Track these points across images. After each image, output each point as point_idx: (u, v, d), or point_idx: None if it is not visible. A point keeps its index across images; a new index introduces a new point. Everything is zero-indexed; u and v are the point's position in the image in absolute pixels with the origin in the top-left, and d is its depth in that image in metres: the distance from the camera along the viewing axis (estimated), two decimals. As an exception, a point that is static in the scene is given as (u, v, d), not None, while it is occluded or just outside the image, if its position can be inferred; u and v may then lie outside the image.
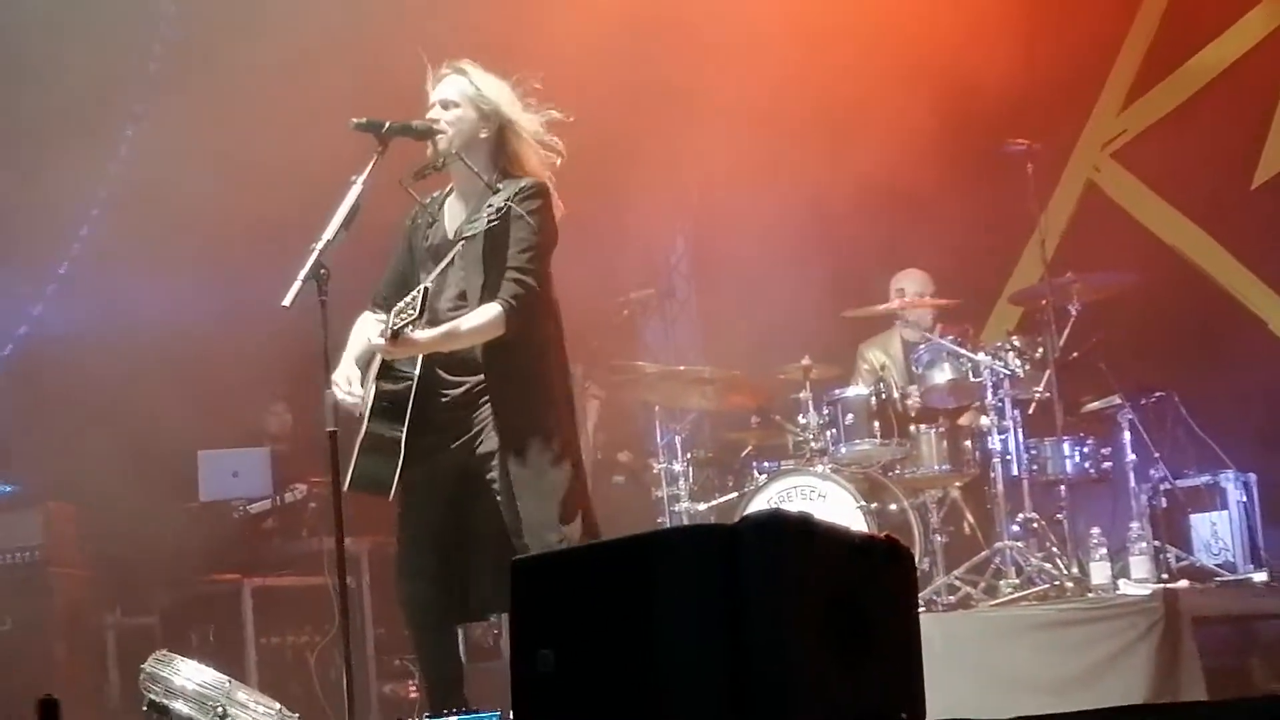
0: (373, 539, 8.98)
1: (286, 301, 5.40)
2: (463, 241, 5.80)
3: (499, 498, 5.78)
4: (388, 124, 5.75)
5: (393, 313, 5.56)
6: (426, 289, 5.62)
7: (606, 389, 10.22)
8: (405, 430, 5.75)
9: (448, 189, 6.11)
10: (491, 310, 5.73)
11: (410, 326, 5.51)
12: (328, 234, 5.51)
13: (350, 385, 5.81)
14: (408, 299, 5.55)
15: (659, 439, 9.45)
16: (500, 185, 5.86)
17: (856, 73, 9.79)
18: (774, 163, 10.03)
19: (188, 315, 9.15)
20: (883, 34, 9.87)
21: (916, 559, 8.14)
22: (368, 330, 5.90)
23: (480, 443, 5.81)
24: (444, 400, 5.84)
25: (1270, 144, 9.56)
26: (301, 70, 8.77)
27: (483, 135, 5.94)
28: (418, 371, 5.79)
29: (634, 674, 3.51)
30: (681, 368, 9.79)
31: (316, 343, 5.49)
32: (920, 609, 7.54)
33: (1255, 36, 9.64)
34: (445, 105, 5.94)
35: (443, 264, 5.83)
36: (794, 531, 3.49)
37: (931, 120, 9.81)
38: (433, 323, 5.78)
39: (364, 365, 5.92)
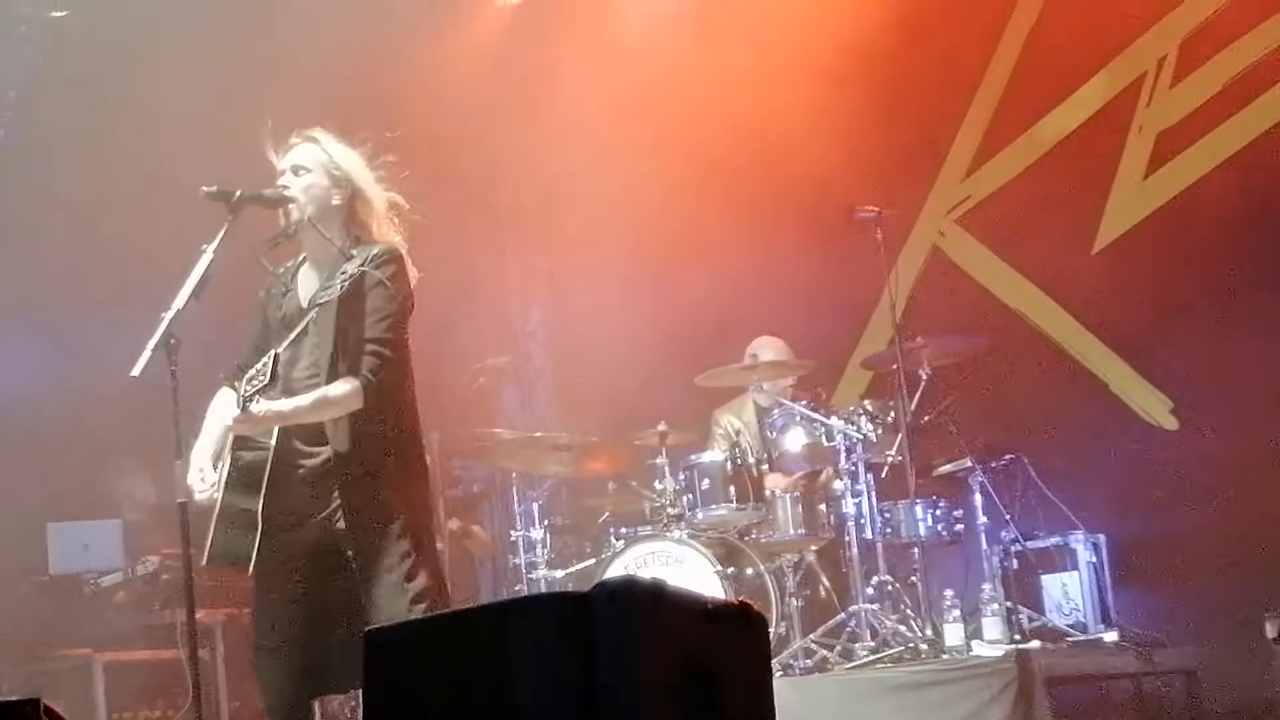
0: (227, 611, 8.86)
1: (136, 371, 5.33)
2: (316, 309, 5.76)
3: (357, 573, 5.72)
4: (238, 193, 5.69)
5: (244, 380, 5.50)
6: (277, 355, 5.56)
7: (464, 456, 10.20)
8: (261, 502, 5.67)
9: (301, 258, 6.04)
10: (348, 385, 5.67)
11: (259, 396, 5.45)
12: (177, 303, 5.45)
13: (204, 481, 5.72)
14: (258, 366, 5.49)
15: (516, 506, 9.44)
16: (354, 252, 5.80)
17: (707, 143, 9.91)
18: (625, 230, 10.09)
19: (38, 383, 9.01)
20: (734, 106, 10.00)
21: (773, 623, 8.20)
22: (223, 409, 5.82)
23: (338, 518, 5.75)
24: (300, 472, 5.77)
25: (1110, 209, 9.75)
26: (155, 136, 8.71)
27: (335, 202, 5.88)
28: (274, 442, 5.72)
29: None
30: (539, 434, 9.79)
31: (168, 413, 5.43)
32: (777, 673, 7.61)
33: (1095, 105, 9.84)
34: (296, 171, 5.88)
35: (295, 331, 5.78)
36: (645, 597, 3.49)
37: (780, 188, 9.95)
38: (288, 394, 5.73)
39: (220, 447, 5.83)
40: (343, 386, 5.65)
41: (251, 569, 5.72)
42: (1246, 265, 9.06)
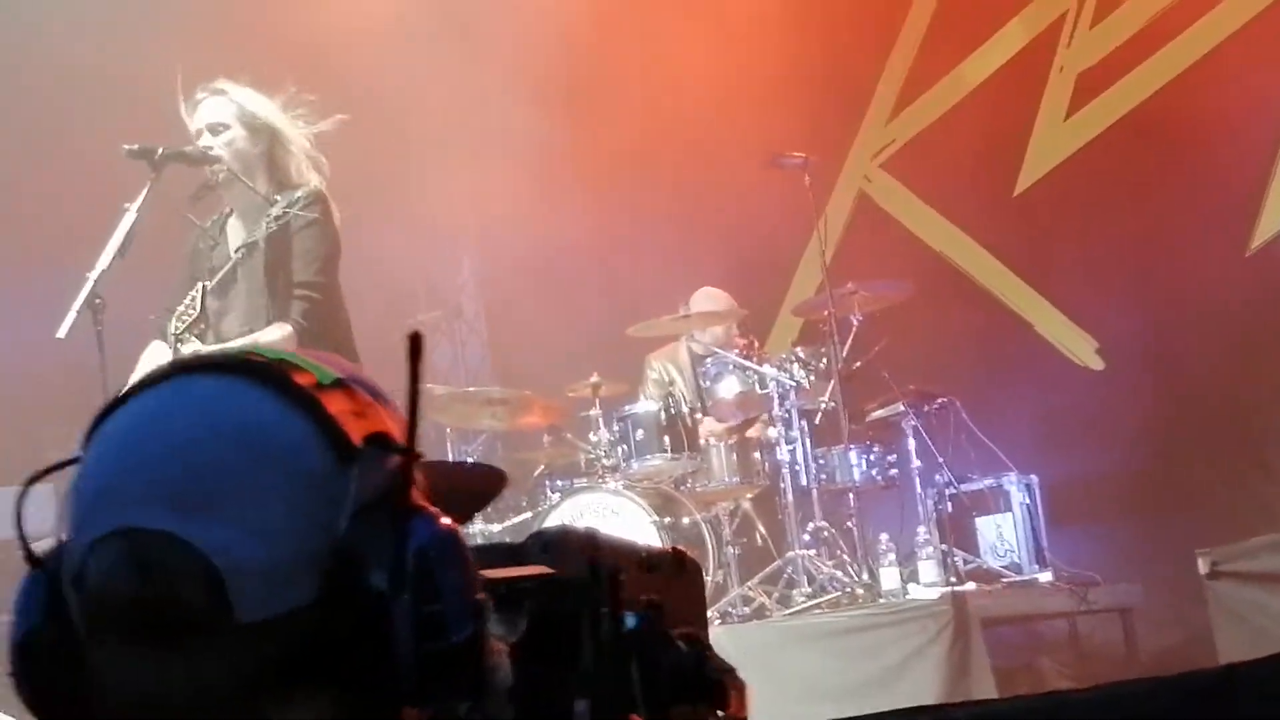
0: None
1: (61, 333, 5.29)
2: (242, 251, 5.71)
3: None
4: (160, 150, 5.64)
5: (174, 317, 5.45)
6: (205, 286, 5.51)
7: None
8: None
9: (227, 210, 6.00)
10: (280, 331, 5.63)
11: (189, 333, 5.40)
12: (102, 263, 5.40)
13: None
14: (186, 300, 5.44)
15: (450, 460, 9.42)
16: (278, 197, 5.77)
17: (634, 95, 9.89)
18: (553, 180, 10.06)
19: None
20: (660, 57, 9.99)
21: (710, 571, 8.21)
22: (153, 360, 5.76)
23: None
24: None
25: (1031, 151, 9.80)
26: (70, 95, 8.62)
27: (256, 151, 5.84)
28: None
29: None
30: (471, 389, 9.74)
31: (96, 374, 5.39)
32: (715, 621, 7.63)
33: (1016, 46, 9.88)
34: (215, 130, 5.81)
35: (221, 272, 5.73)
36: (577, 547, 3.48)
37: (707, 137, 9.95)
38: (223, 344, 5.69)
39: None
40: (274, 332, 5.61)
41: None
42: (1167, 204, 9.12)
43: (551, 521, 8.46)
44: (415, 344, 1.45)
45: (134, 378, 5.69)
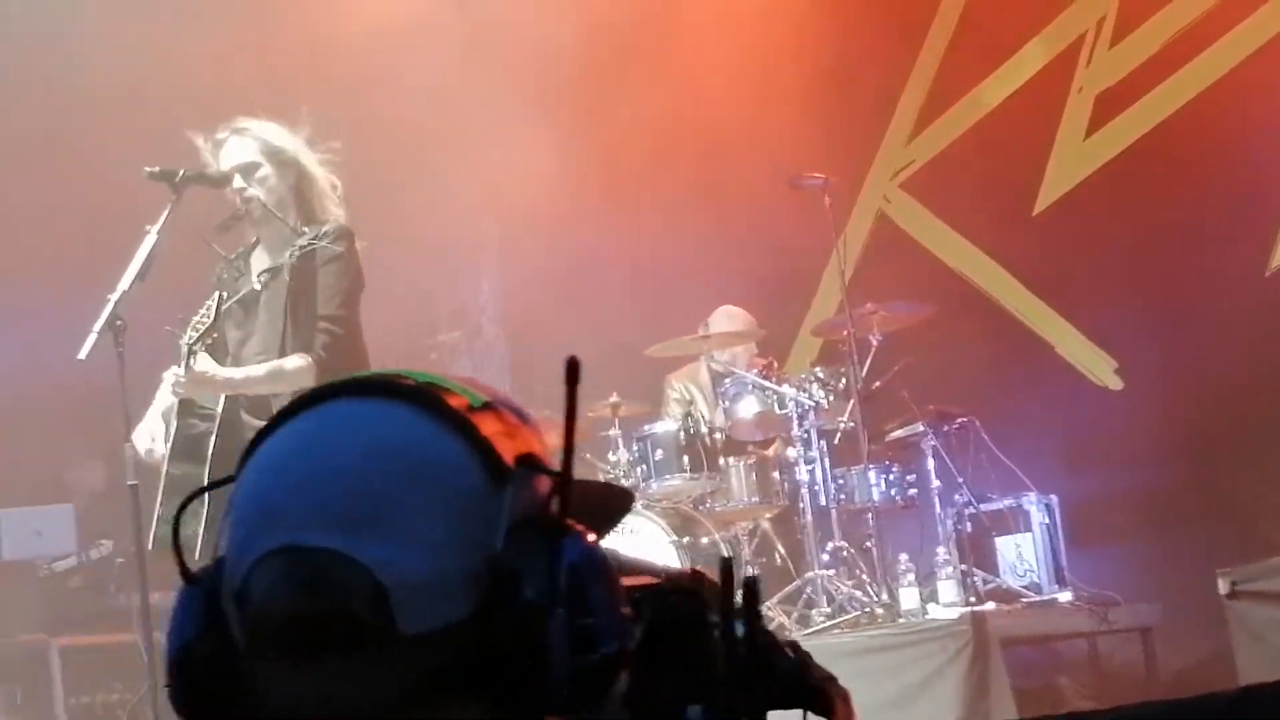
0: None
1: (82, 354, 5.32)
2: (266, 275, 5.75)
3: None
4: (182, 172, 5.68)
5: (188, 327, 5.47)
6: (221, 296, 5.54)
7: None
8: (207, 474, 5.64)
9: (254, 241, 6.03)
10: (301, 360, 5.66)
11: (201, 343, 5.42)
12: (123, 285, 5.43)
13: (153, 441, 5.68)
14: (201, 310, 5.47)
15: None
16: (304, 230, 5.81)
17: (662, 102, 9.91)
18: (573, 199, 10.08)
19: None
20: (682, 77, 10.01)
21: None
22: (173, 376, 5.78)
23: None
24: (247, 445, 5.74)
25: (1050, 171, 9.80)
26: (95, 118, 8.66)
27: (285, 185, 5.88)
28: (220, 411, 5.68)
29: None
30: (490, 409, 9.73)
31: (116, 395, 5.41)
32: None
33: (1034, 66, 9.88)
34: (246, 172, 5.82)
35: (242, 294, 5.76)
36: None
37: (727, 158, 9.96)
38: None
39: (169, 419, 5.80)
40: (296, 361, 5.64)
41: (198, 552, 5.67)
42: (1186, 224, 9.12)
43: (571, 541, 8.45)
44: (573, 370, 1.54)
45: (156, 399, 5.74)
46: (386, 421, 1.55)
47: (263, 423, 5.01)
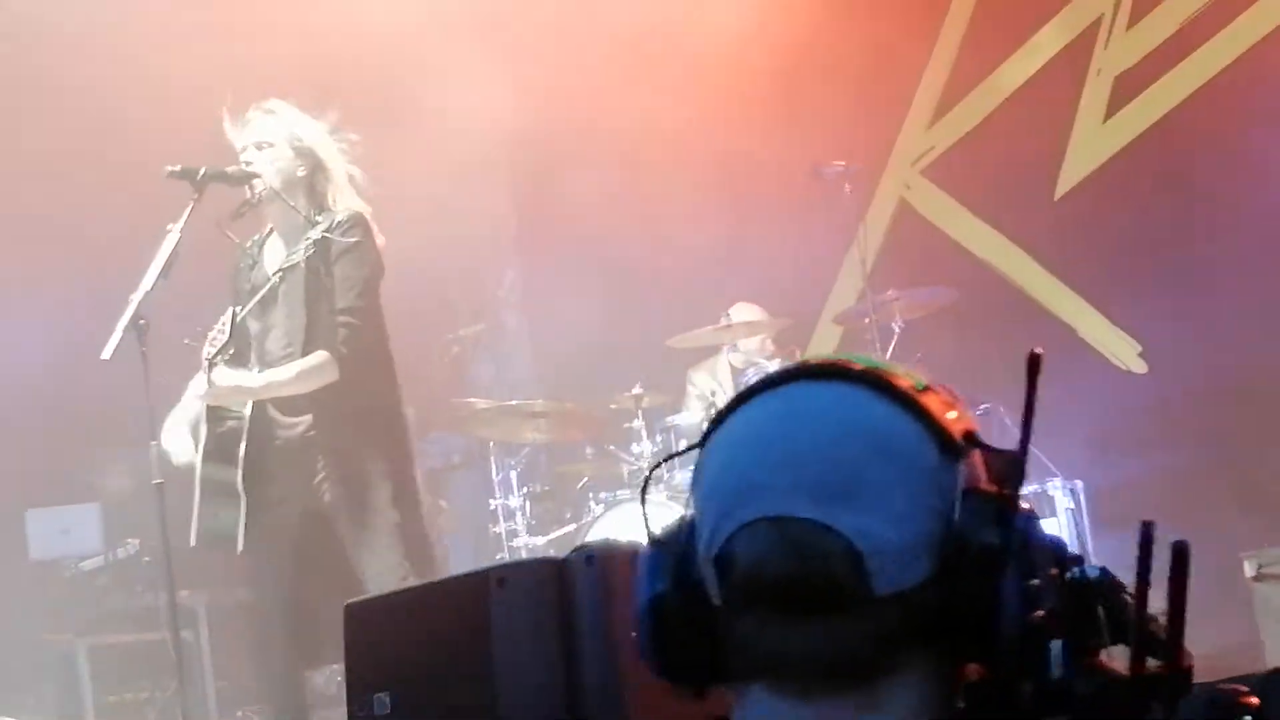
0: (210, 591, 8.84)
1: (106, 354, 5.34)
2: (281, 273, 5.76)
3: (345, 545, 5.73)
4: (203, 170, 5.70)
5: (206, 342, 5.50)
6: (235, 312, 5.57)
7: (440, 428, 10.18)
8: (240, 474, 5.67)
9: (267, 230, 6.05)
10: (321, 357, 5.68)
11: (220, 357, 5.45)
12: (146, 284, 5.45)
13: (181, 443, 5.72)
14: (217, 326, 5.50)
15: (495, 475, 9.44)
16: (319, 219, 5.82)
17: (682, 93, 9.90)
18: (597, 194, 10.08)
19: (8, 369, 8.98)
20: (710, 59, 10.01)
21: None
22: (199, 389, 5.80)
23: (324, 490, 5.75)
24: (277, 443, 5.78)
25: (1070, 154, 9.78)
26: (115, 117, 8.67)
27: (300, 174, 5.89)
28: (248, 412, 5.72)
29: (472, 707, 3.50)
30: (515, 402, 9.75)
31: (140, 395, 5.43)
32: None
33: (1052, 49, 9.85)
34: (260, 146, 5.87)
35: (259, 294, 5.78)
36: (623, 560, 3.51)
37: (748, 147, 9.95)
38: (264, 366, 5.74)
39: (198, 415, 5.82)
40: (318, 359, 5.67)
41: (240, 547, 5.72)
42: (1207, 205, 9.09)
43: (595, 534, 8.47)
44: (1034, 363, 1.81)
45: (181, 404, 5.76)
46: (847, 403, 1.74)
47: (291, 420, 5.08)
